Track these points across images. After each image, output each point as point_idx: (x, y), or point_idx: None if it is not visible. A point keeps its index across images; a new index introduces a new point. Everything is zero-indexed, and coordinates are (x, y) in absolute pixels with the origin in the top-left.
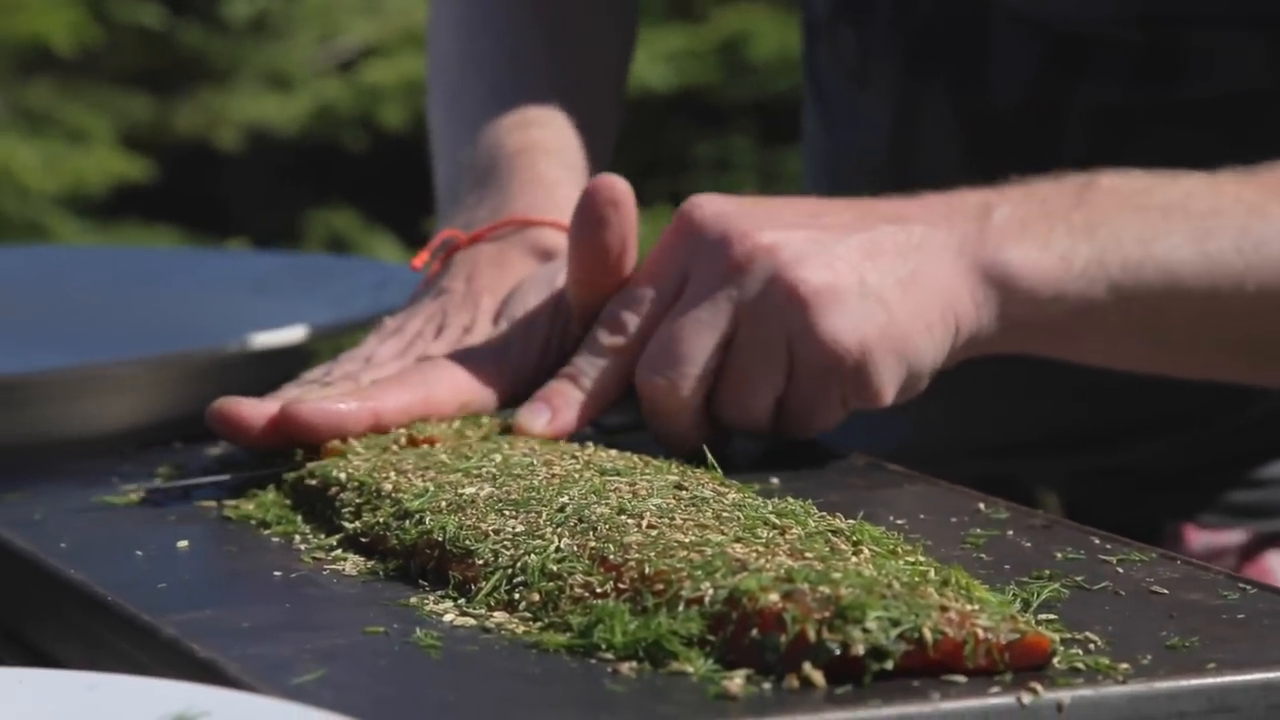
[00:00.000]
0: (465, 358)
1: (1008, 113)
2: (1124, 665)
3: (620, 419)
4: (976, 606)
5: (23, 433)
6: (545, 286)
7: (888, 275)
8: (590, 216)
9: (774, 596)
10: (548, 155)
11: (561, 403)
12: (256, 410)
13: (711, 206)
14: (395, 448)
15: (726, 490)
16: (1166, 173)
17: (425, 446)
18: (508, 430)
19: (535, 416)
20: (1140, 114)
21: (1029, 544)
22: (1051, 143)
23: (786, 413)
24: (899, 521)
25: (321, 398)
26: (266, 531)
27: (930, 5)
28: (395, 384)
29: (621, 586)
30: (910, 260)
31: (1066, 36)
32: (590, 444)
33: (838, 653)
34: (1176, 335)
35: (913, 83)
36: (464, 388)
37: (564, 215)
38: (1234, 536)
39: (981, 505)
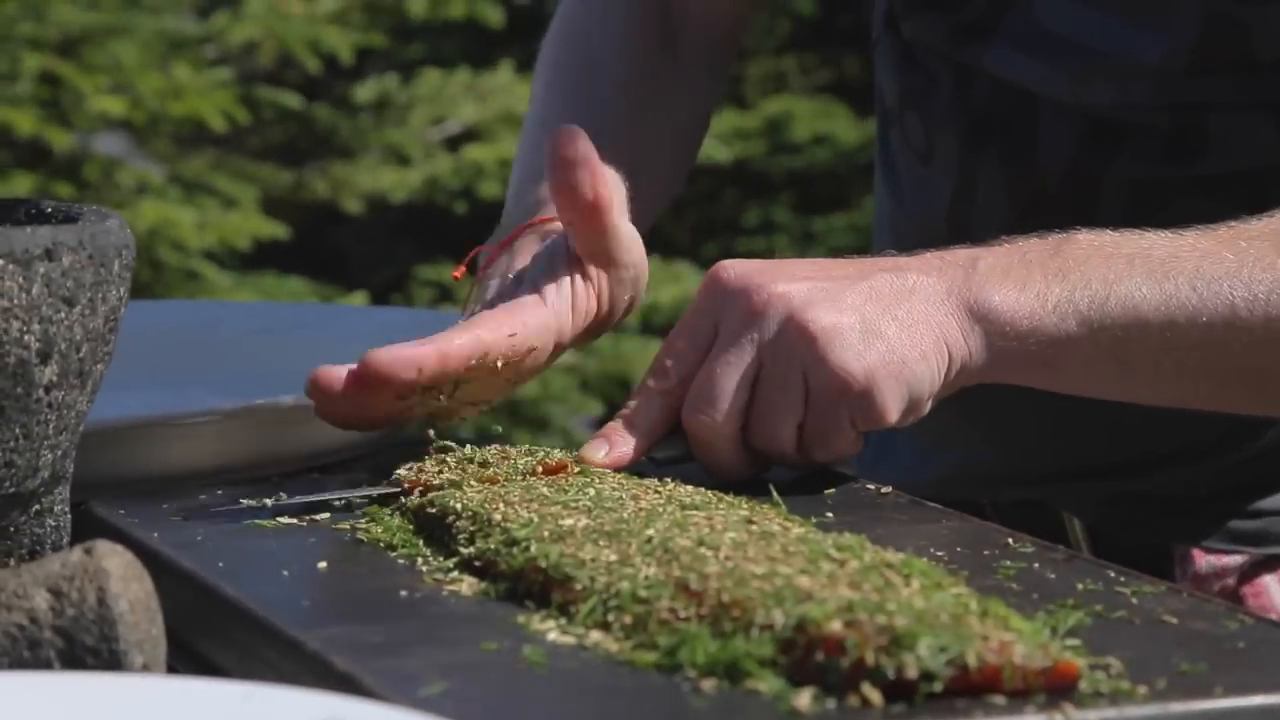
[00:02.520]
0: (507, 306)
1: (1052, 185)
2: (1142, 689)
3: (670, 453)
4: (1013, 636)
5: (184, 464)
6: (554, 245)
7: (885, 314)
8: (554, 160)
9: (837, 624)
10: None
11: (619, 439)
12: (339, 371)
13: (735, 268)
14: (531, 477)
15: (790, 525)
16: (1134, 230)
17: (545, 477)
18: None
19: (596, 450)
20: (1169, 186)
21: (1053, 575)
22: (1090, 211)
23: (807, 439)
24: (939, 553)
25: (392, 346)
26: (393, 554)
27: (986, 94)
28: (451, 331)
29: (702, 612)
30: (905, 301)
31: (1104, 120)
32: (670, 480)
33: (892, 675)
34: (1140, 363)
35: (969, 159)
36: (507, 324)
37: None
38: (1234, 560)
39: (1010, 540)
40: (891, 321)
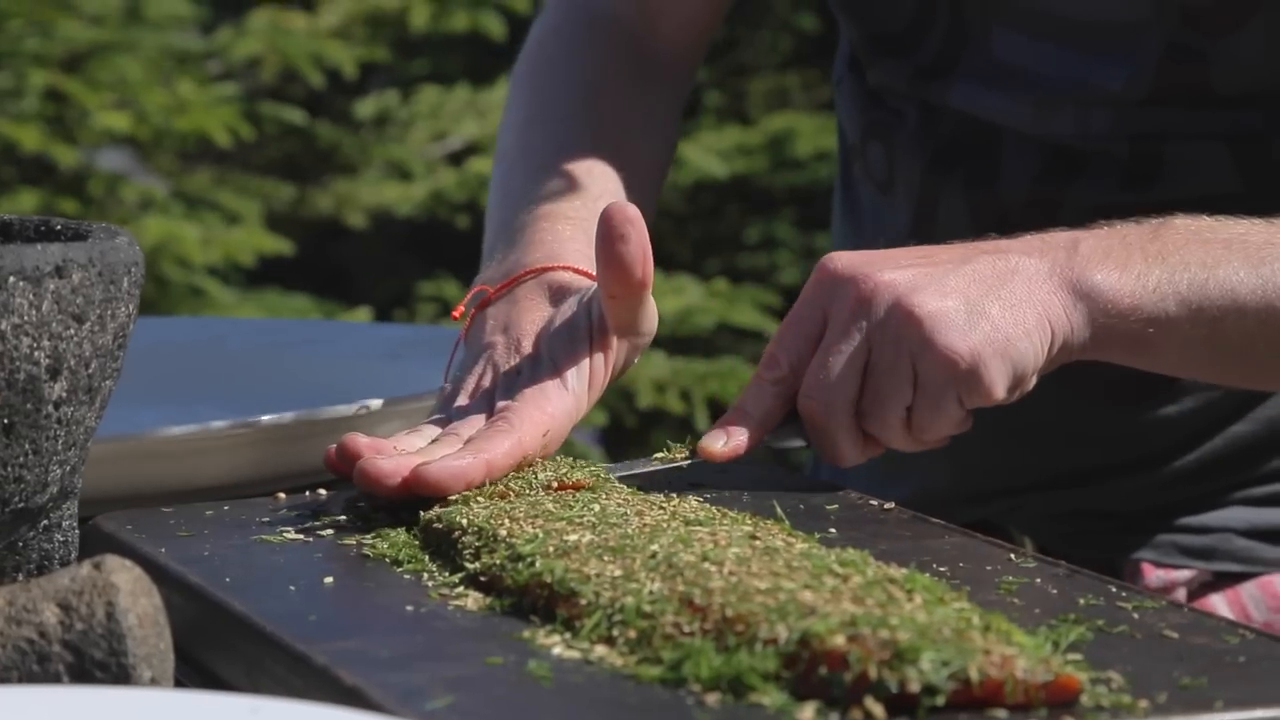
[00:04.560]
0: (535, 398)
1: (1013, 207)
2: (1143, 703)
3: (785, 441)
4: (1015, 650)
5: (190, 479)
6: (574, 318)
7: (989, 294)
8: (612, 235)
9: (840, 639)
10: (566, 220)
11: (735, 428)
12: (392, 469)
13: (841, 260)
14: (544, 491)
15: (794, 540)
16: (1229, 216)
17: (560, 493)
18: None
19: (714, 440)
20: (1125, 210)
21: (1054, 591)
22: (1049, 228)
23: (916, 421)
24: (941, 569)
25: (442, 458)
26: (399, 569)
27: (950, 126)
28: (493, 435)
29: (706, 627)
30: (1008, 282)
31: (1065, 149)
32: (675, 495)
33: (895, 689)
34: (1236, 344)
35: (931, 183)
36: (541, 423)
37: (574, 261)
38: (1184, 574)
39: (1012, 555)
40: (995, 302)
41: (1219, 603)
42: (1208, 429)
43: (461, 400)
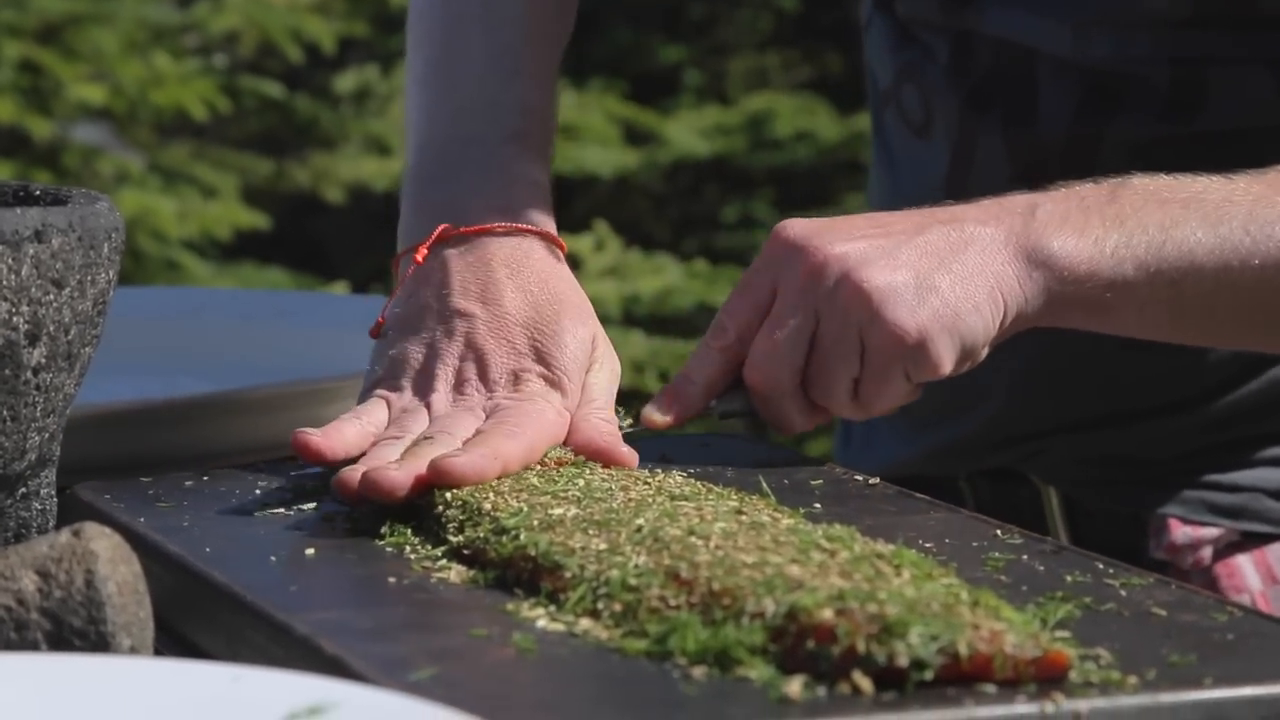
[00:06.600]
0: (541, 408)
1: (1053, 144)
2: (1132, 679)
3: (730, 406)
4: (1004, 625)
5: (169, 449)
6: (577, 328)
7: (940, 268)
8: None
9: (828, 613)
10: (536, 152)
11: (678, 396)
12: (401, 478)
13: (795, 228)
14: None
15: (780, 516)
16: (1188, 175)
17: (543, 468)
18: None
19: (656, 408)
20: (1167, 145)
21: (1041, 568)
22: (1089, 172)
23: (863, 392)
24: (927, 545)
25: (458, 453)
26: (381, 542)
27: (984, 60)
28: (505, 439)
29: (693, 600)
30: (961, 254)
31: (1104, 77)
32: (660, 470)
33: (883, 663)
34: (1195, 306)
35: (968, 123)
36: (548, 434)
37: (542, 224)
38: (1211, 532)
39: (998, 532)
40: (946, 275)
41: (1245, 563)
42: (1241, 375)
43: (436, 385)
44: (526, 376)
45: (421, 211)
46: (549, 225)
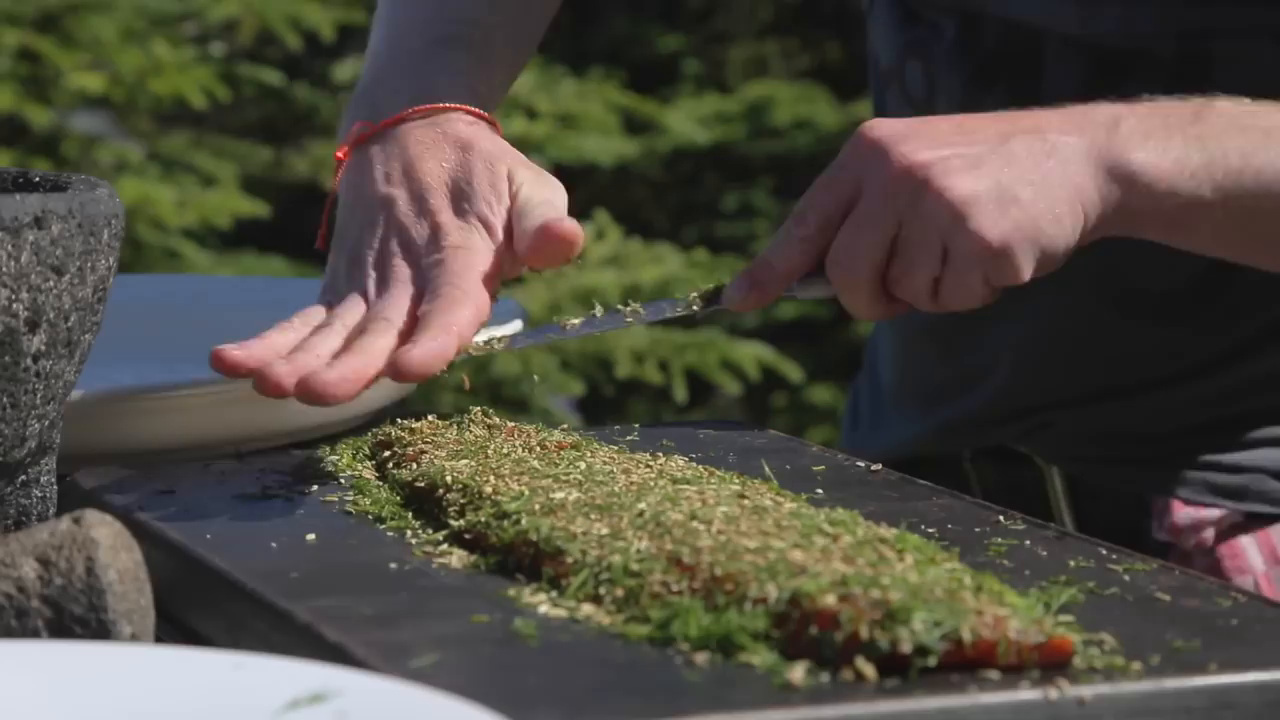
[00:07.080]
0: (470, 259)
1: None
2: (1136, 665)
3: (810, 292)
4: (1008, 611)
5: (169, 436)
6: (491, 167)
7: (1022, 178)
8: (554, 255)
9: (831, 598)
10: (467, 52)
11: (758, 281)
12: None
13: (881, 129)
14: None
15: (783, 500)
16: (1271, 102)
17: (545, 451)
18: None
19: (737, 290)
20: None
21: (1044, 553)
22: None
23: (943, 293)
24: (930, 530)
25: (413, 344)
26: (382, 526)
27: (990, 39)
28: (450, 305)
29: (695, 586)
30: (1043, 164)
31: (1109, 52)
32: (662, 454)
33: (887, 649)
34: (1270, 231)
35: (972, 99)
36: (487, 275)
37: (466, 101)
38: (1213, 513)
39: (1001, 517)
40: (1027, 186)
41: (1249, 544)
42: (1245, 347)
43: (368, 272)
44: (446, 229)
45: (347, 123)
46: (473, 105)
